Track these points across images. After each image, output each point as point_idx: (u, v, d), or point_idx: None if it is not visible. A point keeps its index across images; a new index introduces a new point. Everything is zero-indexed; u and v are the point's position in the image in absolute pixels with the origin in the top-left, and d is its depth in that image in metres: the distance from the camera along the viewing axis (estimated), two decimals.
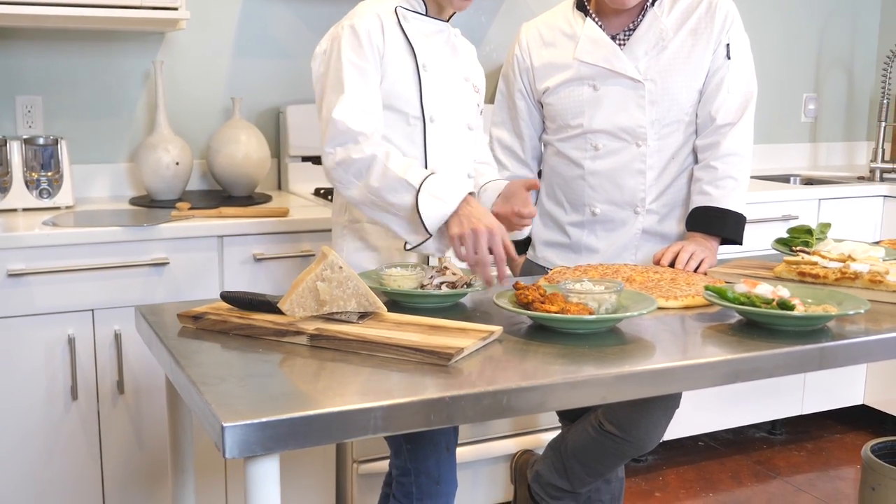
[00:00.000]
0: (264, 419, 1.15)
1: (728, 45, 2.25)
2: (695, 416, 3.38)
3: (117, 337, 2.46)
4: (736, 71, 2.26)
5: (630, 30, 2.26)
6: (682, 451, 3.52)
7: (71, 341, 2.41)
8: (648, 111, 2.24)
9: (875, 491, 2.21)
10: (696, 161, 2.31)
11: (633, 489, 3.19)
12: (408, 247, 1.94)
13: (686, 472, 3.36)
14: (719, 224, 2.23)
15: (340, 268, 1.52)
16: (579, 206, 2.32)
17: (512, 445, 2.93)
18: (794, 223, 3.37)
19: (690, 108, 2.27)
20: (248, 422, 1.14)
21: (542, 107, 2.36)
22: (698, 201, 2.26)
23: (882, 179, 3.90)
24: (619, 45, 2.25)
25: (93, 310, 2.43)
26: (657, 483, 3.27)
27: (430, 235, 1.86)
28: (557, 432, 2.98)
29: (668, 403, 2.27)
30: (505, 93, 2.41)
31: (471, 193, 1.89)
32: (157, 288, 2.47)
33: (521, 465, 2.70)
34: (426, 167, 1.98)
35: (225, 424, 1.13)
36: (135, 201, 2.86)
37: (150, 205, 2.78)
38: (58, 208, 2.69)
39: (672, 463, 3.43)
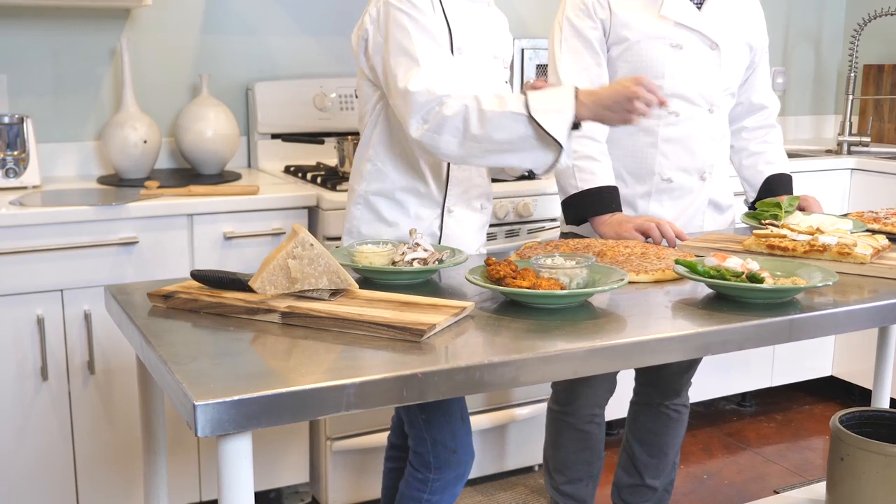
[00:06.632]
0: (236, 397, 1.15)
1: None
2: None
3: (87, 317, 2.44)
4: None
5: None
6: None
7: (40, 322, 2.39)
8: (722, 77, 2.25)
9: (844, 461, 2.23)
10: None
11: (609, 461, 3.21)
12: (539, 172, 1.90)
13: None
14: (792, 186, 2.44)
15: (311, 245, 1.52)
16: (646, 175, 2.25)
17: (486, 421, 2.94)
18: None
19: (739, 79, 2.32)
20: (220, 400, 1.14)
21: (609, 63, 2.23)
22: (769, 170, 2.42)
23: (850, 152, 3.94)
24: (696, 6, 2.21)
25: (62, 290, 2.41)
26: None
27: (563, 147, 1.80)
28: (530, 407, 3.00)
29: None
30: (573, 45, 2.19)
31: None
32: (126, 267, 2.45)
33: None
34: None
35: (196, 403, 1.13)
36: (103, 180, 2.83)
37: (119, 184, 2.76)
38: (24, 188, 2.65)
39: None
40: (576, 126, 1.82)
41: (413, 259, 1.75)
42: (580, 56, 2.17)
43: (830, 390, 3.85)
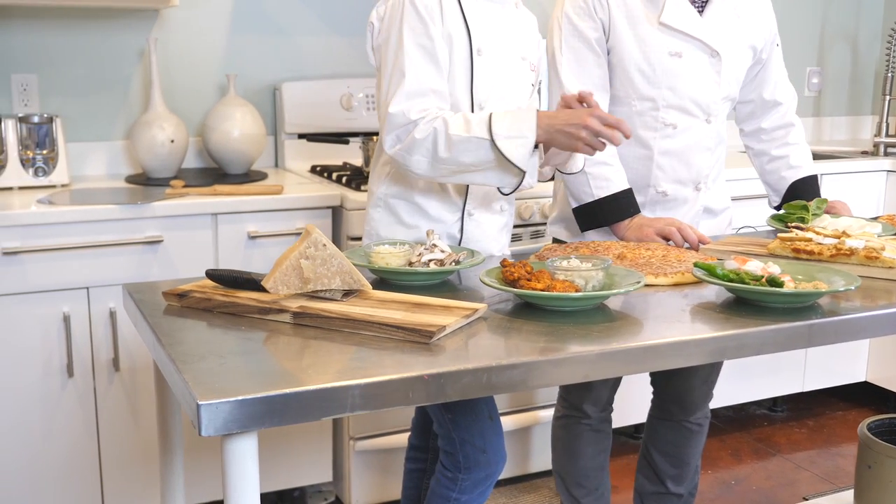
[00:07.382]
0: (241, 397, 1.15)
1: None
2: None
3: (112, 314, 2.46)
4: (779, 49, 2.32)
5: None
6: None
7: (66, 319, 2.41)
8: (721, 85, 2.18)
9: (872, 469, 2.19)
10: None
11: (634, 466, 3.18)
12: (506, 191, 1.94)
13: None
14: (818, 187, 2.38)
15: (324, 245, 1.51)
16: (641, 187, 2.20)
17: (509, 423, 2.92)
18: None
19: (739, 85, 2.25)
20: (224, 400, 1.14)
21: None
22: (793, 175, 2.34)
23: (886, 154, 3.87)
24: (698, 10, 2.15)
25: (88, 287, 2.43)
26: None
27: (525, 172, 1.83)
28: (552, 410, 2.98)
29: (710, 367, 2.32)
30: (574, 45, 2.13)
31: None
32: (151, 266, 2.47)
33: None
34: None
35: (200, 402, 1.13)
36: (131, 179, 2.86)
37: (147, 183, 2.78)
38: (53, 186, 2.68)
39: None
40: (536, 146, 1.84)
41: (429, 260, 1.74)
42: (581, 56, 2.12)
43: (864, 396, 3.78)
